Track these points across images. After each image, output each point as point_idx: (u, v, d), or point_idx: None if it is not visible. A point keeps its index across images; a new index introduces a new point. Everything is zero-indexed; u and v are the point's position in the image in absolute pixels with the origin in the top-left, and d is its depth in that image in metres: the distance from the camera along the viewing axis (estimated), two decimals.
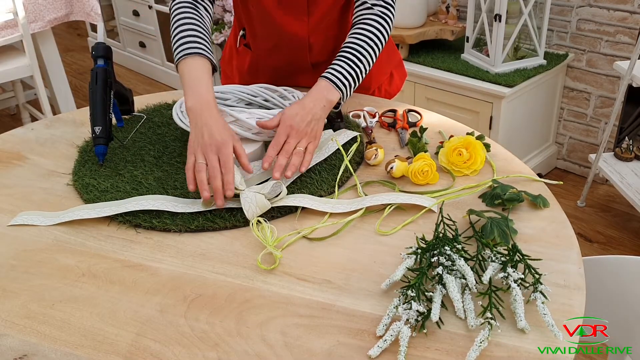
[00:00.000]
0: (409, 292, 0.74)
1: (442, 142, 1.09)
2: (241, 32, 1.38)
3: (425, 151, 1.07)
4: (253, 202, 0.91)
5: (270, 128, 1.02)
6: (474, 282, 0.75)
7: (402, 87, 1.50)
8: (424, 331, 0.71)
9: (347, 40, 1.14)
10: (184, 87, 1.03)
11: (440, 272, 0.76)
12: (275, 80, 1.34)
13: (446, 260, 0.78)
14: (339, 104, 1.13)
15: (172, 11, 1.13)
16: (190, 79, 1.03)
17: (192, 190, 0.95)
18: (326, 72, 1.10)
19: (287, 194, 0.97)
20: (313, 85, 1.09)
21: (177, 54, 1.06)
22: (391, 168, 1.02)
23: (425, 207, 0.94)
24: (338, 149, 1.08)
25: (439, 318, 0.71)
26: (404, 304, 0.73)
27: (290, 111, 1.02)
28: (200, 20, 1.12)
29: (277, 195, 0.94)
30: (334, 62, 1.12)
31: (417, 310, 0.71)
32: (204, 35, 1.09)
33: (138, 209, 0.94)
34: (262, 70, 1.37)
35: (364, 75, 1.13)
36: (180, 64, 1.05)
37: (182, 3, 1.13)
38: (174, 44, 1.08)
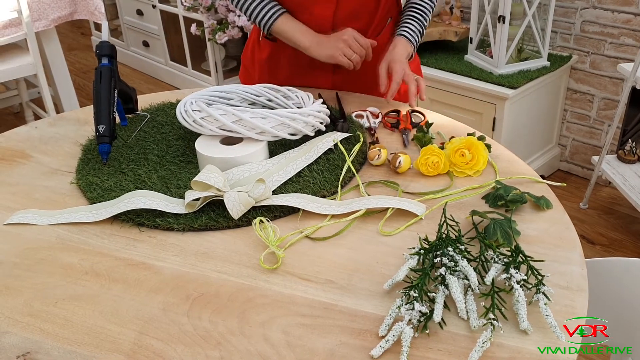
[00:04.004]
0: (412, 292, 0.74)
1: (442, 143, 1.09)
2: None
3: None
4: (236, 200, 0.91)
5: (385, 80, 1.27)
6: (477, 282, 0.75)
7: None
8: (427, 332, 0.71)
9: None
10: (293, 36, 1.28)
11: (443, 273, 0.76)
12: (294, 76, 1.35)
13: (449, 261, 0.78)
14: (344, 118, 1.18)
15: None
16: (295, 29, 1.29)
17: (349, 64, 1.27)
18: (401, 30, 1.32)
19: (290, 193, 0.97)
20: (393, 41, 1.32)
21: (269, 18, 1.29)
22: (399, 163, 1.02)
23: (426, 208, 0.94)
24: (331, 150, 1.09)
25: (442, 318, 0.71)
26: (406, 304, 0.73)
27: (392, 56, 1.28)
28: None
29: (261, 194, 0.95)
30: (405, 20, 1.34)
31: (420, 311, 0.71)
32: None
33: (131, 208, 0.94)
34: (282, 62, 1.39)
35: (424, 33, 1.37)
36: (277, 23, 1.29)
37: None
38: (258, 11, 1.29)
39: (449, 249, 0.80)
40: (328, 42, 1.27)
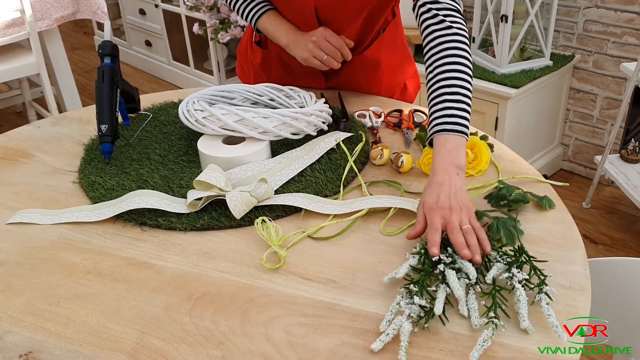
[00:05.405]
0: (412, 287, 0.74)
1: None
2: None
3: None
4: (238, 200, 0.92)
5: (421, 231, 0.85)
6: (475, 274, 0.75)
7: (415, 97, 1.48)
8: (426, 326, 0.71)
9: (436, 74, 0.96)
10: (274, 33, 1.25)
11: (442, 269, 0.76)
12: (287, 80, 1.34)
13: (449, 259, 0.78)
14: (347, 118, 1.16)
15: None
16: (276, 26, 1.25)
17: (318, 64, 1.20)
18: (435, 126, 0.92)
19: (292, 192, 0.97)
20: (434, 154, 0.91)
21: (254, 14, 1.27)
22: (401, 162, 1.02)
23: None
24: (333, 150, 1.09)
25: (443, 313, 0.71)
26: (406, 299, 0.73)
27: (427, 197, 0.86)
28: None
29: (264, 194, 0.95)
30: (435, 109, 0.94)
31: (420, 305, 0.71)
32: None
33: (133, 207, 0.94)
34: (274, 67, 1.38)
35: (471, 98, 0.95)
36: (261, 20, 1.26)
37: None
38: (244, 8, 1.28)
39: (450, 248, 0.79)
40: (302, 42, 1.21)
